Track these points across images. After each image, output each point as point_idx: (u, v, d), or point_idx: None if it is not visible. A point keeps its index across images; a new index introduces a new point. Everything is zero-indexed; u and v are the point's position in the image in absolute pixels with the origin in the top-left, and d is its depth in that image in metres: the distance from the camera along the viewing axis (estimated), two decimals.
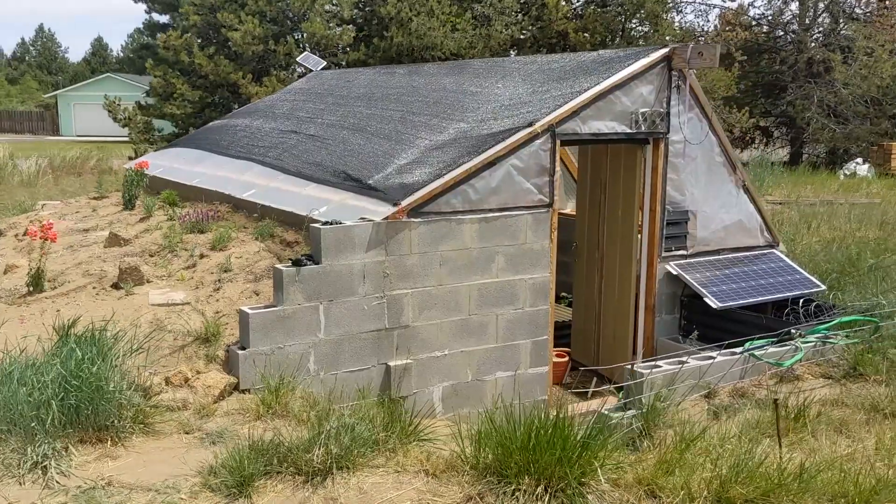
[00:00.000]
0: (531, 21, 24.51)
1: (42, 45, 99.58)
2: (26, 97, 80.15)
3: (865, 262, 8.81)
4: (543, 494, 4.35)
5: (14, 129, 61.58)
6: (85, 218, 10.18)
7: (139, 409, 5.33)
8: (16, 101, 77.96)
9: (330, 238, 6.31)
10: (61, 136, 58.77)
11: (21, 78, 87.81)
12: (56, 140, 49.04)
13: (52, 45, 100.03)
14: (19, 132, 60.84)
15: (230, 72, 21.72)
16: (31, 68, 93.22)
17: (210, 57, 22.18)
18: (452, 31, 23.43)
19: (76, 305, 6.84)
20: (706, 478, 4.41)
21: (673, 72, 7.74)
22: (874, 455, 5.01)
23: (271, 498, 4.48)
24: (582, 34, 24.63)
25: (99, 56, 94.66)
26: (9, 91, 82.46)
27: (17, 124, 62.20)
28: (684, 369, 6.30)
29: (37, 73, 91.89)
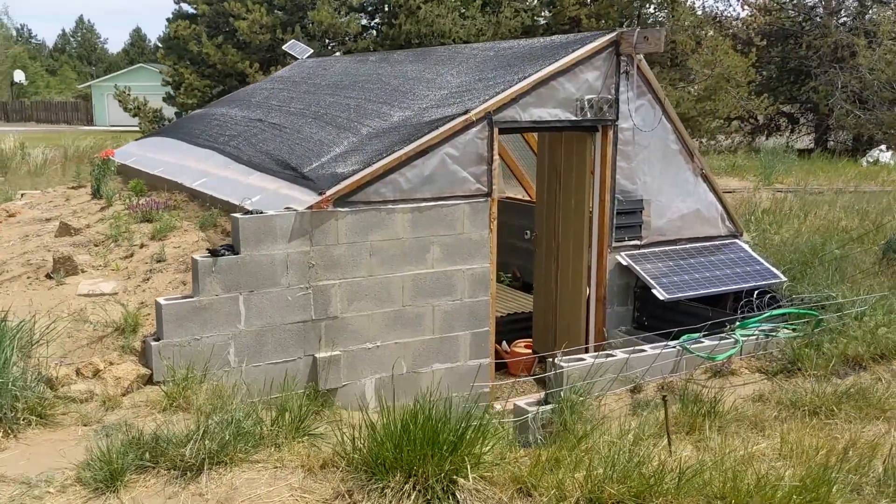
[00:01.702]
0: (542, 7, 24.20)
1: (82, 36, 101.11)
2: (64, 88, 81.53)
3: (829, 253, 8.51)
4: (411, 492, 4.23)
5: (50, 119, 62.59)
6: (55, 207, 10.23)
7: (38, 401, 5.30)
8: (54, 92, 79.35)
9: (249, 228, 6.23)
10: (95, 126, 59.56)
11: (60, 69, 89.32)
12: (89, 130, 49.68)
13: (91, 37, 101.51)
14: (55, 122, 61.80)
15: (237, 61, 21.77)
16: (71, 59, 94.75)
17: (218, 46, 22.25)
18: (462, 18, 23.22)
19: (6, 295, 6.85)
20: (580, 477, 4.25)
21: (622, 57, 7.52)
22: (776, 453, 4.80)
23: (140, 492, 4.41)
24: (595, 21, 24.25)
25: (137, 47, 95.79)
26: (48, 82, 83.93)
27: (53, 115, 63.18)
28: (611, 362, 6.11)
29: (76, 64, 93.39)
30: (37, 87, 79.51)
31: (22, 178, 19.09)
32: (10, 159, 20.13)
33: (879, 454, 4.73)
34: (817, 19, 29.52)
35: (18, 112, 64.00)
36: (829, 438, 4.97)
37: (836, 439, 4.96)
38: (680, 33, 24.79)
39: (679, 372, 6.41)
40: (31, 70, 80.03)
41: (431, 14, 22.24)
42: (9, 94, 71.76)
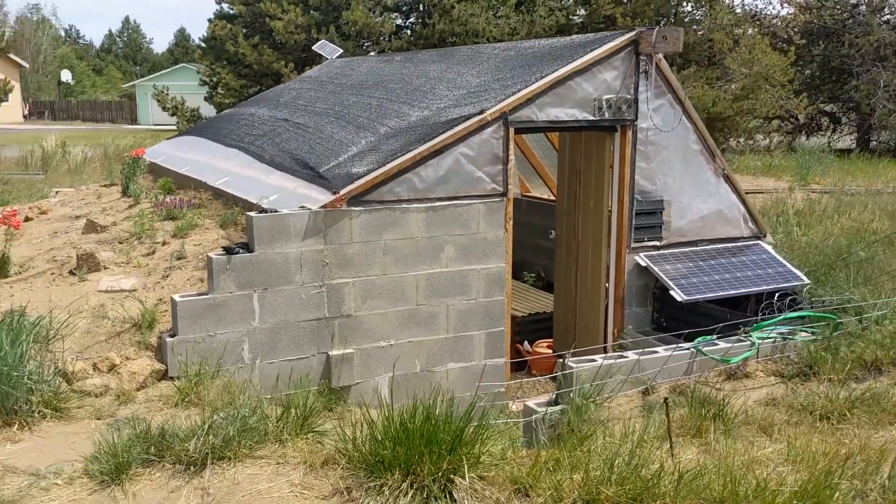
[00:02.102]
0: (577, 6, 24.07)
1: (128, 36, 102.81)
2: (110, 87, 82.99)
3: (855, 255, 8.36)
4: (409, 490, 4.25)
5: (95, 118, 63.77)
6: (86, 205, 10.44)
7: (53, 394, 5.42)
8: (100, 91, 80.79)
9: (263, 226, 6.30)
10: (138, 124, 60.54)
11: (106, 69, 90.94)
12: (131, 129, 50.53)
13: (137, 37, 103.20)
14: (100, 121, 62.94)
15: (273, 61, 21.99)
16: (117, 59, 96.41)
17: (254, 46, 22.49)
18: (496, 17, 23.19)
19: (31, 291, 7.01)
20: (578, 478, 4.24)
21: (641, 57, 7.47)
22: (782, 458, 4.73)
23: (144, 486, 4.49)
24: (631, 19, 24.06)
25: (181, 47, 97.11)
26: (94, 81, 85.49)
27: (98, 114, 64.37)
28: (622, 364, 6.08)
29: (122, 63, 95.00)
30: (83, 87, 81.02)
31: (62, 176, 19.50)
32: (51, 158, 20.57)
33: (888, 460, 4.64)
34: (860, 17, 28.94)
35: (65, 111, 65.33)
36: (838, 444, 4.89)
37: (844, 444, 4.87)
38: (717, 32, 24.49)
39: (693, 374, 6.35)
40: (77, 70, 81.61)
41: (465, 13, 22.25)
42: (56, 93, 73.25)
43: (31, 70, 72.32)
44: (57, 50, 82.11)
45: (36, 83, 75.19)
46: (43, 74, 76.73)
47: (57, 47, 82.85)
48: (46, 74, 76.86)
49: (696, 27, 25.56)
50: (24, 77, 66.98)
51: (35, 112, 65.44)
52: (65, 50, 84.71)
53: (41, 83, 76.19)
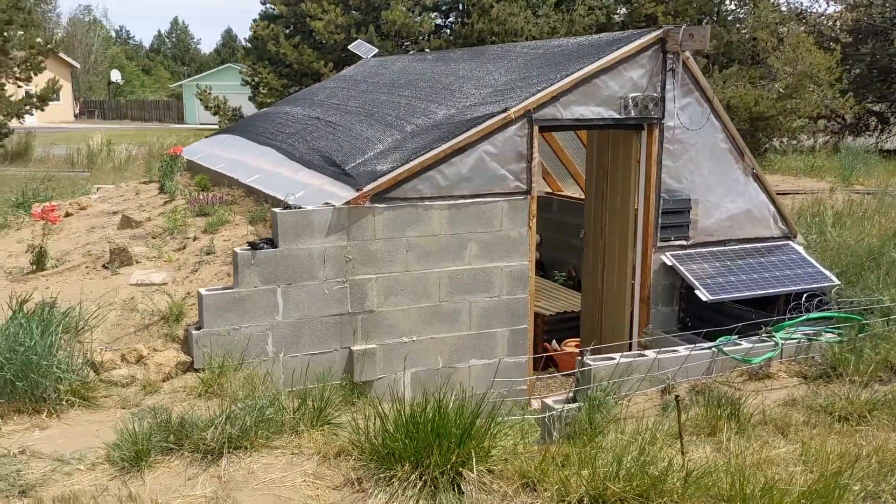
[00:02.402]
0: (618, 4, 23.93)
1: (176, 37, 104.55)
2: (158, 87, 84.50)
3: (888, 255, 8.22)
4: (417, 481, 4.32)
5: (143, 117, 64.95)
6: (124, 201, 10.68)
7: (81, 384, 5.59)
8: (149, 91, 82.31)
9: (287, 222, 6.41)
10: (185, 124, 61.45)
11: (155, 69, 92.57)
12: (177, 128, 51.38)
13: (185, 38, 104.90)
14: (148, 120, 64.09)
15: (313, 60, 22.22)
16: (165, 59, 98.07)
17: (295, 46, 22.75)
18: (535, 16, 23.16)
19: (65, 284, 7.21)
20: (585, 474, 4.26)
21: (668, 55, 7.43)
22: (796, 458, 4.70)
23: (163, 472, 4.62)
24: (672, 18, 23.85)
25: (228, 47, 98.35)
26: (143, 81, 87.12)
27: (146, 113, 65.54)
28: (641, 362, 6.07)
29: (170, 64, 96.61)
30: (132, 87, 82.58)
31: (106, 173, 19.94)
32: (96, 156, 21.02)
33: None
34: None
35: (114, 110, 66.66)
36: (853, 445, 4.84)
37: (860, 446, 4.82)
38: (761, 30, 24.15)
39: (714, 374, 6.32)
40: (127, 70, 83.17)
41: (504, 12, 22.25)
42: (106, 93, 74.74)
43: (83, 70, 73.90)
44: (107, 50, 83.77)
45: (87, 83, 76.81)
46: (94, 74, 78.33)
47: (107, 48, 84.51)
48: (97, 74, 78.46)
49: (740, 26, 25.24)
50: (75, 77, 68.51)
51: (85, 111, 66.87)
52: (115, 50, 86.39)
53: (92, 83, 77.81)
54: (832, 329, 6.69)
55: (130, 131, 41.21)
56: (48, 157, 23.17)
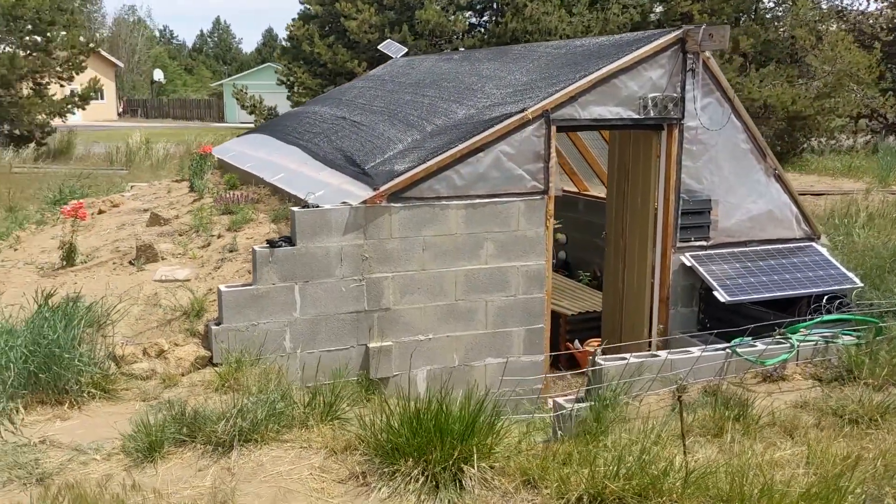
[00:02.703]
0: (653, 3, 23.77)
1: (218, 36, 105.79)
2: (200, 86, 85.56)
3: None
4: (419, 476, 4.39)
5: (185, 116, 65.85)
6: (156, 198, 10.91)
7: (102, 377, 5.76)
8: (191, 90, 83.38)
9: (305, 221, 6.53)
10: (225, 122, 62.15)
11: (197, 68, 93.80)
12: (217, 126, 52.04)
13: (227, 37, 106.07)
14: (189, 119, 64.93)
15: (347, 60, 22.40)
16: (207, 59, 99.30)
17: (329, 46, 22.95)
18: (569, 14, 23.10)
19: (93, 279, 7.40)
20: (585, 473, 4.30)
21: (688, 55, 7.41)
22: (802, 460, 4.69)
23: (175, 463, 4.75)
24: (708, 16, 23.63)
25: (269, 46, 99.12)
26: (185, 80, 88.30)
27: (188, 112, 66.45)
28: (653, 362, 6.08)
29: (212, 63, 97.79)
30: (175, 86, 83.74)
31: (144, 171, 20.31)
32: (134, 154, 21.42)
33: None
34: None
35: (157, 109, 67.71)
36: (860, 448, 4.81)
37: (868, 449, 4.79)
38: (799, 28, 23.83)
39: (728, 375, 6.30)
40: (170, 69, 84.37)
41: (538, 11, 22.23)
42: (149, 92, 75.91)
43: (127, 70, 75.13)
44: (151, 50, 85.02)
45: (131, 82, 78.09)
46: (137, 74, 79.57)
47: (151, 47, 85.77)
48: (140, 74, 79.68)
49: (778, 24, 24.94)
50: (119, 76, 69.70)
51: (129, 110, 68.02)
52: (158, 50, 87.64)
53: (135, 82, 79.06)
54: (850, 332, 6.63)
55: (171, 130, 41.83)
56: (89, 156, 23.66)
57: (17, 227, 11.04)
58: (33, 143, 22.80)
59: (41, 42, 22.37)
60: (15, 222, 11.31)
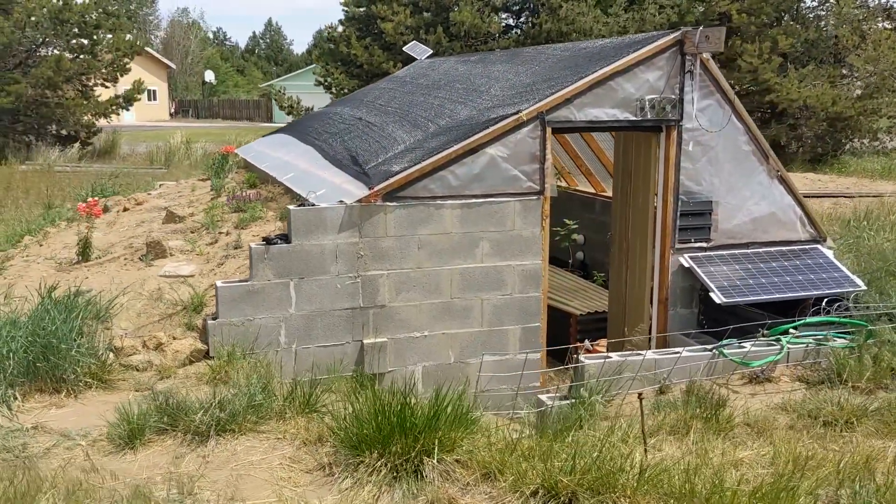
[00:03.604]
0: (691, 3, 23.56)
1: (270, 38, 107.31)
2: (251, 87, 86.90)
3: None
4: (381, 468, 4.52)
5: (234, 116, 66.95)
6: (180, 196, 11.21)
7: (99, 367, 6.00)
8: (242, 91, 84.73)
9: (301, 219, 6.70)
10: (273, 122, 62.99)
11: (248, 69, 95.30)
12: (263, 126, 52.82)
13: (278, 38, 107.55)
14: (238, 119, 65.98)
15: (382, 61, 22.64)
16: (259, 60, 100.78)
17: (366, 48, 23.23)
18: (605, 15, 23.04)
19: (103, 274, 7.68)
20: (542, 467, 4.39)
21: (686, 57, 7.42)
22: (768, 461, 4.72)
23: (154, 450, 4.95)
24: (746, 16, 23.34)
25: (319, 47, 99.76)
26: (237, 81, 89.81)
27: (237, 112, 67.54)
28: (637, 361, 6.13)
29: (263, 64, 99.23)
30: (226, 87, 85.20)
31: (182, 170, 20.77)
32: (174, 153, 21.93)
33: (875, 470, 4.55)
34: None
35: (207, 109, 68.98)
36: (827, 450, 4.82)
37: (834, 451, 4.80)
38: (842, 28, 23.43)
39: (715, 376, 6.33)
40: (221, 70, 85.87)
41: (573, 12, 22.21)
42: (200, 92, 77.34)
43: (180, 71, 76.64)
44: (204, 52, 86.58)
45: (184, 83, 79.61)
46: (190, 75, 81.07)
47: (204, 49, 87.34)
48: (193, 75, 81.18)
49: (821, 23, 24.53)
50: (171, 77, 71.17)
51: (180, 110, 69.42)
52: (210, 51, 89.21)
53: (188, 83, 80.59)
54: (842, 335, 6.60)
55: (218, 130, 42.59)
56: (132, 155, 24.28)
57: (49, 223, 11.43)
58: (78, 143, 23.49)
59: (87, 45, 23.04)
60: (47, 219, 11.71)
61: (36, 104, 22.36)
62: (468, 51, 22.79)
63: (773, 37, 22.99)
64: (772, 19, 24.25)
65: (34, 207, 14.60)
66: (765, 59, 22.64)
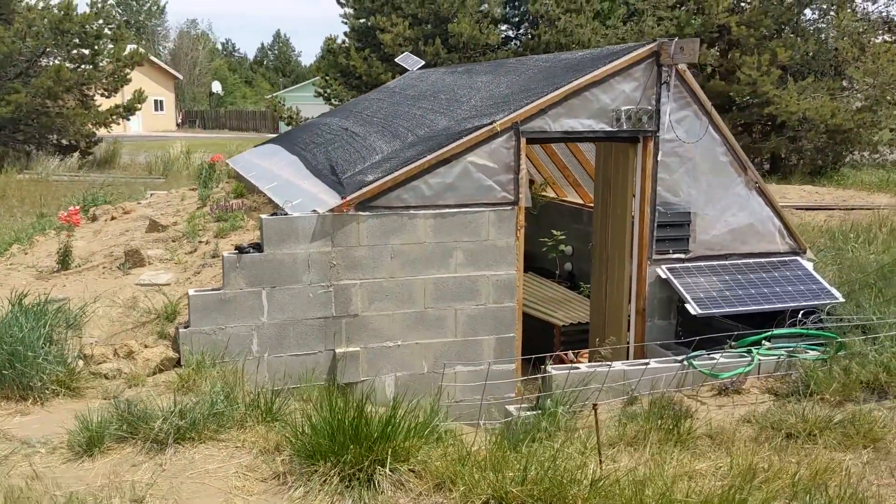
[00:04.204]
0: (690, 15, 23.55)
1: (278, 49, 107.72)
2: (258, 98, 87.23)
3: None
4: (334, 477, 4.52)
5: (241, 127, 67.20)
6: (168, 206, 11.26)
7: (67, 374, 6.01)
8: (249, 102, 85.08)
9: (272, 228, 6.72)
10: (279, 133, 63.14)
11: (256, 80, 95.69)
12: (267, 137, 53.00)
13: (286, 50, 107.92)
14: (245, 130, 66.21)
15: (381, 73, 22.72)
16: (267, 71, 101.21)
17: (365, 59, 23.31)
18: (604, 27, 23.07)
19: (81, 282, 7.71)
20: (493, 477, 4.38)
21: (663, 68, 7.43)
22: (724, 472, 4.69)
23: (112, 458, 4.95)
24: (746, 28, 23.33)
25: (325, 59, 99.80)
26: (244, 93, 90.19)
27: (244, 123, 67.82)
28: (605, 372, 6.12)
29: (271, 75, 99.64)
30: (234, 98, 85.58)
31: (180, 180, 20.86)
32: (172, 163, 22.03)
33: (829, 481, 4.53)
34: None
35: (213, 120, 69.34)
36: (783, 462, 4.79)
37: (790, 463, 4.77)
38: (841, 41, 23.39)
39: (686, 387, 6.31)
40: (229, 81, 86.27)
41: (571, 24, 22.25)
42: (207, 103, 77.74)
43: (188, 82, 77.08)
44: (212, 62, 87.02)
45: (191, 94, 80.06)
46: (197, 86, 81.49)
47: (212, 60, 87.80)
48: (201, 86, 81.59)
49: (821, 36, 24.50)
50: (179, 88, 71.57)
51: (187, 121, 69.79)
52: (218, 63, 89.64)
53: (196, 94, 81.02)
54: (815, 346, 6.57)
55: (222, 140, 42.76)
56: (132, 165, 24.39)
57: (39, 232, 11.48)
58: (77, 153, 23.62)
59: (88, 55, 23.20)
60: (37, 228, 11.77)
61: (36, 114, 22.51)
62: (466, 62, 22.86)
63: (773, 49, 22.97)
64: (772, 32, 24.24)
65: (28, 216, 14.68)
66: (764, 71, 22.61)
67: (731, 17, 23.40)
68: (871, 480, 4.71)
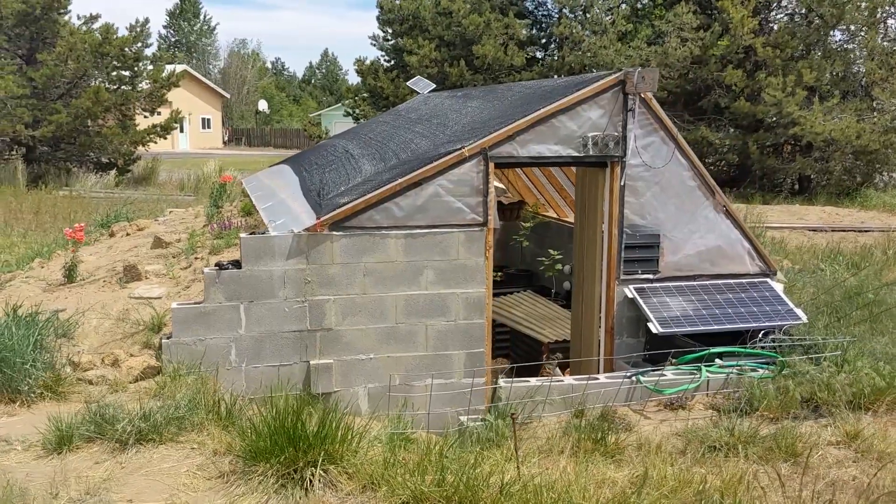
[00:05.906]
0: (715, 37, 23.71)
1: (326, 68, 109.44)
2: (304, 116, 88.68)
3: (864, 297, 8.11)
4: (270, 477, 4.92)
5: (285, 145, 68.47)
6: (181, 223, 11.83)
7: (54, 380, 6.51)
8: (295, 121, 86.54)
9: (250, 246, 7.17)
10: None
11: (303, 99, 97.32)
12: None
13: (334, 68, 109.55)
14: (289, 148, 67.37)
15: (406, 94, 23.26)
16: (315, 90, 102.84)
17: (392, 80, 23.90)
18: (628, 48, 23.33)
19: (81, 295, 8.25)
20: (413, 481, 4.73)
21: (629, 96, 7.74)
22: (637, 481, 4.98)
23: (80, 456, 5.42)
24: (772, 49, 23.42)
25: None
26: (291, 110, 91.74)
27: (288, 140, 69.10)
28: (556, 386, 6.43)
29: (318, 94, 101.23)
30: (280, 116, 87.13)
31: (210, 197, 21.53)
32: (205, 181, 22.79)
33: (740, 492, 4.79)
34: None
35: (259, 138, 70.80)
36: (693, 473, 5.06)
37: (700, 475, 5.03)
38: (869, 62, 23.34)
39: (633, 402, 6.59)
40: (276, 100, 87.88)
41: (594, 46, 22.56)
42: (254, 121, 79.33)
43: (236, 100, 78.80)
44: (260, 81, 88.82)
45: (239, 112, 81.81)
46: (245, 104, 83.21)
47: (260, 79, 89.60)
48: (248, 104, 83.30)
49: (846, 57, 24.45)
50: (226, 106, 73.25)
51: (233, 138, 71.32)
52: (265, 82, 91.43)
53: (244, 112, 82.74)
54: (763, 365, 6.81)
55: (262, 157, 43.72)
56: (168, 182, 25.25)
57: (61, 247, 12.13)
58: (115, 170, 24.57)
59: (127, 77, 24.18)
60: (60, 243, 12.43)
61: (76, 133, 23.52)
62: (491, 83, 23.27)
63: (799, 70, 23.01)
64: (799, 53, 24.26)
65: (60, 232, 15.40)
66: (789, 92, 22.66)
67: (756, 38, 23.50)
68: (784, 492, 4.96)
